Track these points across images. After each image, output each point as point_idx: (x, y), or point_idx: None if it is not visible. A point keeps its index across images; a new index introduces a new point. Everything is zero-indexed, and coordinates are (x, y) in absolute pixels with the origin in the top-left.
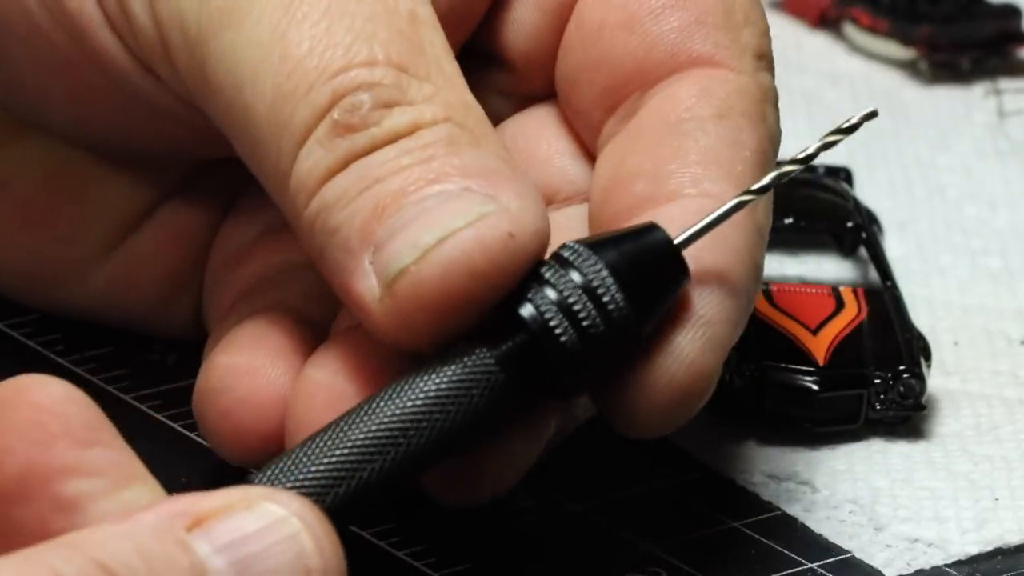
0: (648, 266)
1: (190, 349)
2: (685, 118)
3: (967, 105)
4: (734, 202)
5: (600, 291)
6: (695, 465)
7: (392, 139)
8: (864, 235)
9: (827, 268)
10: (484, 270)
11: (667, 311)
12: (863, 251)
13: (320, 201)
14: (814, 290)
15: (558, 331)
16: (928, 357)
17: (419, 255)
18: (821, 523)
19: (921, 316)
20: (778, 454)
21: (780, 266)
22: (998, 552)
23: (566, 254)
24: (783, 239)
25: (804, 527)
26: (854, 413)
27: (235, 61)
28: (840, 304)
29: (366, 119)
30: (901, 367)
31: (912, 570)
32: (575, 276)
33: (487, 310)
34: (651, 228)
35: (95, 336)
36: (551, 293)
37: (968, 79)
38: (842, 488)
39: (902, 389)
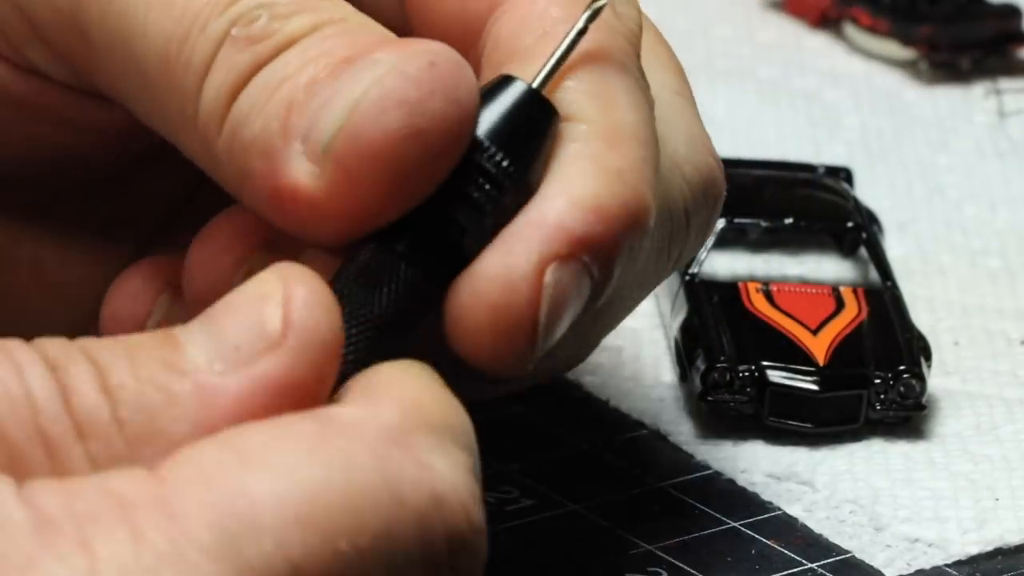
0: (518, 120)
1: None
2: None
3: (967, 105)
4: (583, 19)
5: (485, 164)
6: (695, 465)
7: (294, 42)
8: (864, 235)
9: (827, 268)
10: (415, 99)
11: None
12: (863, 251)
13: (232, 121)
14: (814, 290)
15: (459, 215)
16: (928, 357)
17: (349, 110)
18: (821, 523)
19: (921, 316)
20: (779, 454)
21: (780, 266)
22: (998, 552)
23: None
24: (783, 239)
25: (804, 527)
26: (854, 413)
27: (117, 20)
28: (840, 304)
29: (266, 29)
30: (901, 367)
31: (912, 570)
32: None
33: (440, 171)
34: (506, 80)
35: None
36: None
37: (968, 79)
38: (842, 488)
39: (902, 389)
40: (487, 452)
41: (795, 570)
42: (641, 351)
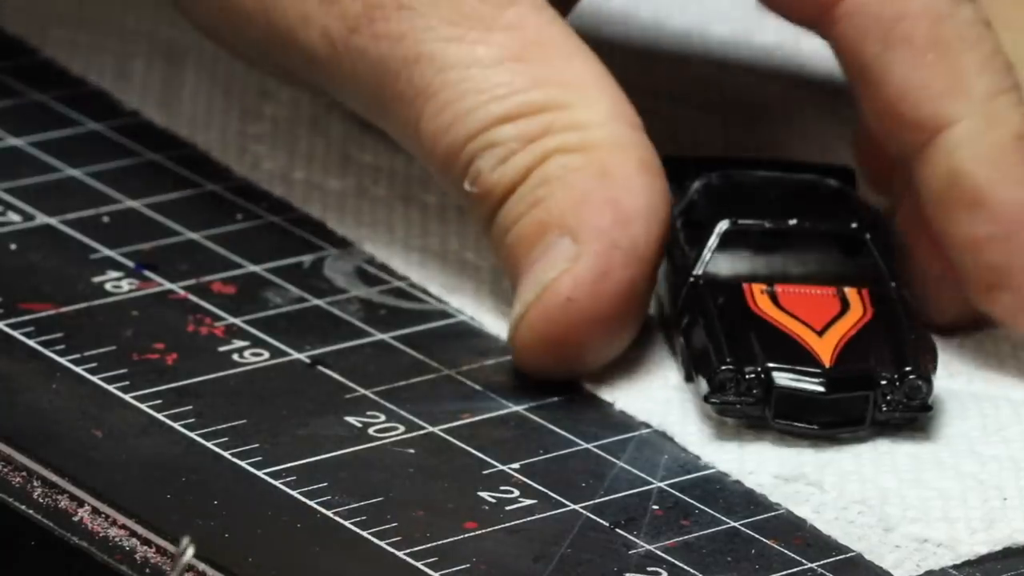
0: None
1: (190, 349)
2: None
3: None
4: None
5: None
6: (701, 466)
7: (507, 196)
8: (869, 235)
9: (832, 269)
10: (552, 334)
11: None
12: (868, 251)
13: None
14: (819, 291)
15: None
16: (934, 358)
17: (518, 322)
18: (830, 524)
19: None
20: (786, 455)
21: (784, 267)
22: (1007, 552)
23: None
24: (787, 241)
25: (804, 527)
26: (860, 415)
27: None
28: (846, 305)
29: (485, 183)
30: (907, 368)
31: (922, 571)
32: None
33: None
34: None
35: (95, 336)
36: None
37: None
38: (851, 489)
39: (908, 390)
40: (487, 452)
41: (795, 570)
42: (647, 351)
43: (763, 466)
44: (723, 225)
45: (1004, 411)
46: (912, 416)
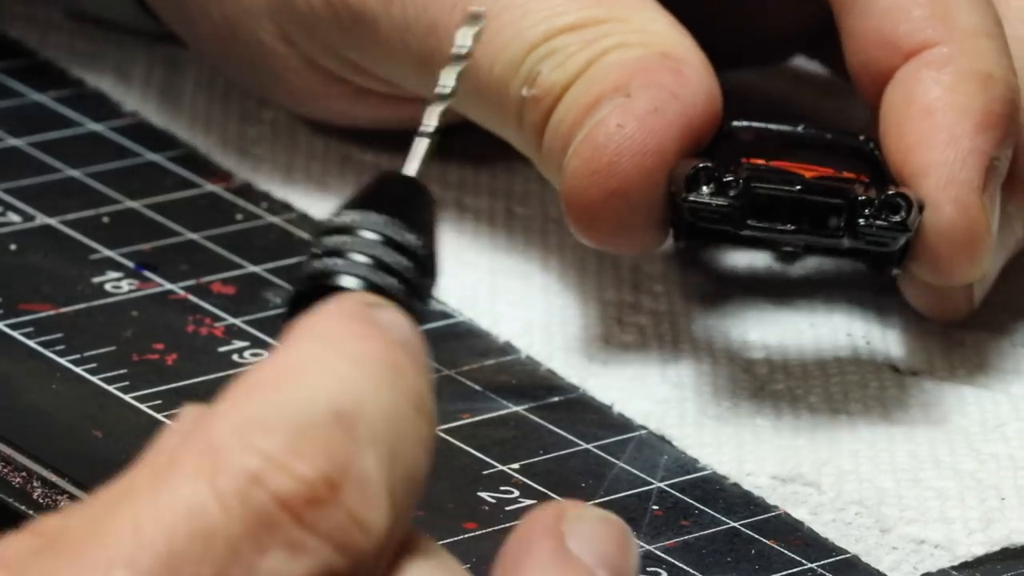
0: (412, 202)
1: (190, 349)
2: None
3: None
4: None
5: (398, 240)
6: (699, 467)
7: (565, 91)
8: (872, 145)
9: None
10: (599, 162)
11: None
12: (876, 161)
13: (543, 152)
14: (817, 168)
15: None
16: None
17: (568, 160)
18: (827, 526)
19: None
20: (784, 455)
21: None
22: (1005, 553)
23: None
24: (794, 147)
25: (804, 527)
26: (835, 225)
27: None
28: (840, 173)
29: (544, 85)
30: (890, 191)
31: (919, 573)
32: (370, 235)
33: (659, 187)
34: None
35: (95, 336)
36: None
37: None
38: (848, 489)
39: (888, 206)
40: (487, 452)
41: (795, 570)
42: (647, 353)
43: (761, 467)
44: (733, 124)
45: (1003, 407)
46: (892, 235)
